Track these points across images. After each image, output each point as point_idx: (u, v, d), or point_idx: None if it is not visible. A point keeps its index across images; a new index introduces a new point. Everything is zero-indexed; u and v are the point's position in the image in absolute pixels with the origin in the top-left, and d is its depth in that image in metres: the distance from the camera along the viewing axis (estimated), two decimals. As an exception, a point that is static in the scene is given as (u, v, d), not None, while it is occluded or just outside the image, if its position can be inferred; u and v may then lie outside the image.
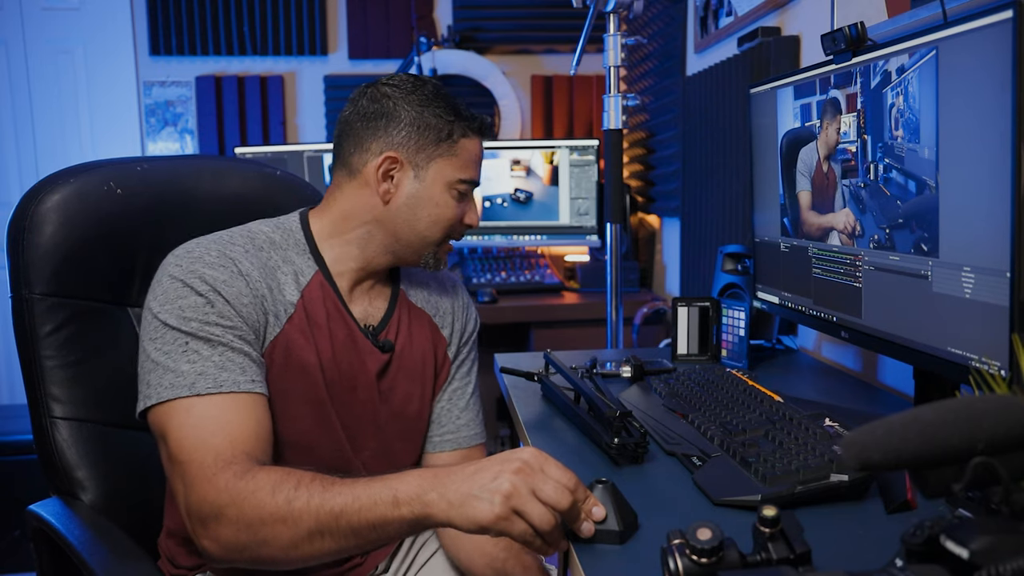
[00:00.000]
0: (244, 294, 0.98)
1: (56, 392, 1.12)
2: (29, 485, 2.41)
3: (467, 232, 1.16)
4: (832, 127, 1.28)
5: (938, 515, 0.64)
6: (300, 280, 1.05)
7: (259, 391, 0.95)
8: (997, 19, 0.90)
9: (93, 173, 1.18)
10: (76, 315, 1.13)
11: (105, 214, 1.16)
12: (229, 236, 1.04)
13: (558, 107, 3.35)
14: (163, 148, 3.28)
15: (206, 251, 0.99)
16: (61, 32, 3.23)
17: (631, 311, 2.49)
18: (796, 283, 1.43)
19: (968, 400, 0.54)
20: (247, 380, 0.94)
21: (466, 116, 1.08)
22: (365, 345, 1.10)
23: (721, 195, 2.16)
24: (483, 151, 1.12)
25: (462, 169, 1.07)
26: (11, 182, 3.28)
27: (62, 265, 1.12)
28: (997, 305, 0.93)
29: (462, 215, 1.10)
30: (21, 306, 1.11)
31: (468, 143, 1.07)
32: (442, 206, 1.07)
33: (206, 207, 1.24)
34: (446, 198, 1.07)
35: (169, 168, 1.28)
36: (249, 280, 0.99)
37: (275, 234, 1.07)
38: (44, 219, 1.11)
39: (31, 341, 1.11)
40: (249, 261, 1.01)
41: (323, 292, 1.06)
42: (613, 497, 0.86)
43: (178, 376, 0.91)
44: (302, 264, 1.07)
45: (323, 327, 1.06)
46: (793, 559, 0.65)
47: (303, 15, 3.21)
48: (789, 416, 1.09)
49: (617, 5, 1.92)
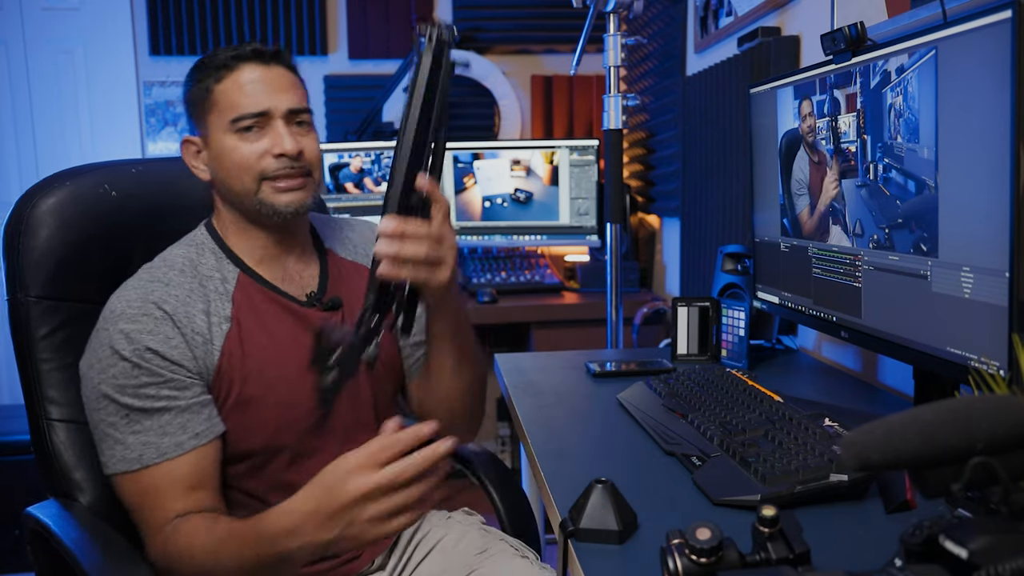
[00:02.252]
0: (171, 337, 1.02)
1: (52, 394, 1.13)
2: (30, 486, 2.41)
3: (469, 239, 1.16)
4: (813, 123, 1.28)
5: (937, 515, 0.64)
6: (227, 287, 1.09)
7: (203, 442, 1.03)
8: (996, 19, 0.90)
9: (87, 176, 1.19)
10: (72, 318, 1.14)
11: (99, 216, 1.17)
12: (149, 274, 1.08)
13: (558, 107, 3.34)
14: (163, 148, 3.28)
15: (127, 304, 1.03)
16: (61, 32, 3.23)
17: (631, 311, 2.49)
18: (796, 283, 1.43)
19: (967, 400, 0.54)
20: (189, 437, 1.02)
21: (219, 63, 1.05)
22: (312, 314, 1.12)
23: (721, 195, 2.16)
24: (258, 76, 1.05)
25: (228, 110, 1.05)
26: (11, 182, 3.28)
27: (57, 268, 1.12)
28: (996, 305, 0.93)
29: (264, 149, 1.05)
30: (17, 309, 1.12)
31: (223, 86, 1.05)
32: (230, 150, 1.05)
33: (200, 208, 1.24)
34: (232, 142, 1.05)
35: (163, 169, 1.29)
36: (175, 319, 1.03)
37: (191, 251, 1.11)
38: (39, 223, 1.12)
39: (27, 344, 1.12)
40: (174, 295, 1.05)
41: (251, 289, 1.10)
42: (612, 497, 0.87)
43: (126, 449, 1.01)
44: (224, 270, 1.10)
45: (263, 321, 1.10)
46: (792, 559, 0.65)
47: (303, 15, 3.21)
48: (789, 416, 1.09)
49: (617, 5, 1.93)
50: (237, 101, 1.04)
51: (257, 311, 1.10)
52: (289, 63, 1.09)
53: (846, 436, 0.54)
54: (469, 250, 2.91)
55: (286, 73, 1.08)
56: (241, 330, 1.08)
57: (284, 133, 1.05)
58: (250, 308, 1.09)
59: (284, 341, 1.10)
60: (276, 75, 1.06)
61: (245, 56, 1.05)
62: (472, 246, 2.87)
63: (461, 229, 2.84)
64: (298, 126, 1.08)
